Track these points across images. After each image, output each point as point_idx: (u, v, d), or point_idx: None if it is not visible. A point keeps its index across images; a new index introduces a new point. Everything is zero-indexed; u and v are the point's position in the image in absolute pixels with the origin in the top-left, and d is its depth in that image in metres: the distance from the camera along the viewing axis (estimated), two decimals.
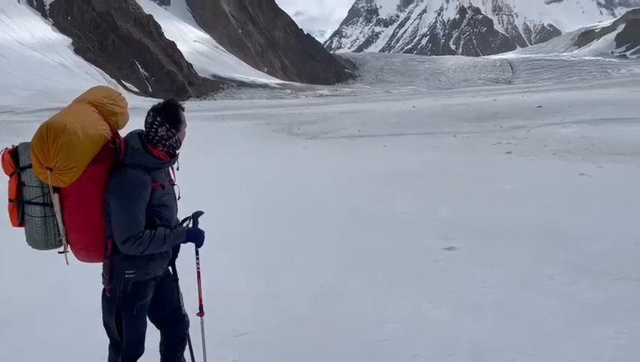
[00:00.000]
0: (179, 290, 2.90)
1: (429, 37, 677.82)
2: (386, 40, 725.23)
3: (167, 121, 2.61)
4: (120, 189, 2.46)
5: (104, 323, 2.67)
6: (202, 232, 2.78)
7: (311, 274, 5.04)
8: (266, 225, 7.03)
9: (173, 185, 2.80)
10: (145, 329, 2.70)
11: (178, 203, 2.84)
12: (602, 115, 19.13)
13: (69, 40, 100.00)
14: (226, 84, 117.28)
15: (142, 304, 2.63)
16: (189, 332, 2.95)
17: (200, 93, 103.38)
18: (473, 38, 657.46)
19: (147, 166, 2.54)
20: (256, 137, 20.62)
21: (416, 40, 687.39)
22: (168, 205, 2.67)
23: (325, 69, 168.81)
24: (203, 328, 2.95)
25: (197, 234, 2.76)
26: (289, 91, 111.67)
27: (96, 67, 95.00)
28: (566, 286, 4.44)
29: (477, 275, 4.80)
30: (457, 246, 5.64)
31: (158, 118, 2.60)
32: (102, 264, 2.64)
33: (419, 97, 51.89)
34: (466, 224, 6.51)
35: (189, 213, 2.91)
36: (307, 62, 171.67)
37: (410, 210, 7.44)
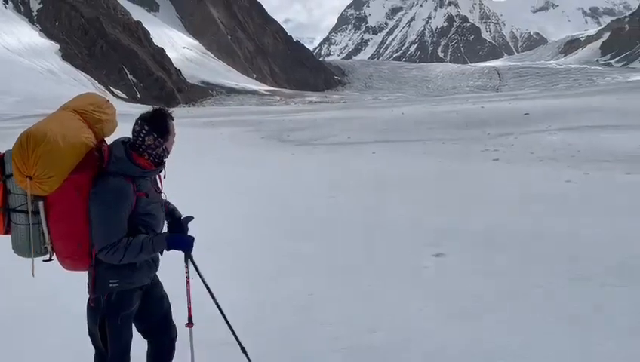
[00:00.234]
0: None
1: (417, 44, 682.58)
2: (375, 47, 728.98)
3: (154, 131, 2.58)
4: (100, 197, 2.43)
5: (89, 332, 2.64)
6: (189, 238, 2.70)
7: (300, 281, 5.03)
8: (255, 232, 7.00)
9: (160, 193, 2.75)
10: (130, 340, 2.66)
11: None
12: (588, 123, 19.38)
13: (57, 46, 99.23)
14: (215, 91, 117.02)
15: (127, 313, 2.59)
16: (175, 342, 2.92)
17: (189, 100, 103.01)
18: (461, 45, 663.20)
19: (130, 175, 2.51)
20: (245, 144, 20.58)
21: (404, 47, 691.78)
22: (153, 214, 2.63)
23: (315, 76, 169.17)
24: (192, 338, 2.90)
25: (181, 240, 2.67)
26: (278, 98, 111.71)
27: (84, 73, 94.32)
28: (553, 293, 4.47)
29: (465, 282, 4.82)
30: (446, 252, 5.66)
31: (146, 127, 2.57)
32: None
33: (407, 104, 52.15)
34: (454, 231, 6.54)
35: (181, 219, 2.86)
36: (296, 68, 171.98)
37: (399, 216, 7.46)
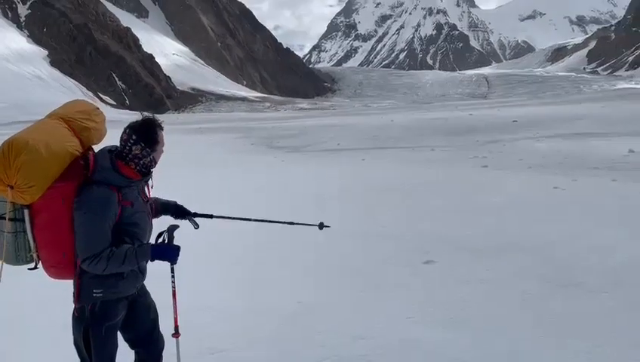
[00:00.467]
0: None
1: (406, 52, 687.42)
2: (365, 55, 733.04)
3: (142, 140, 2.54)
4: (84, 207, 2.39)
5: (75, 343, 2.59)
6: (176, 248, 2.64)
7: (289, 289, 5.00)
8: (243, 239, 6.96)
9: (147, 202, 2.71)
10: (115, 350, 2.62)
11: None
12: (575, 130, 19.61)
13: (45, 52, 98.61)
14: (205, 97, 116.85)
15: (111, 324, 2.54)
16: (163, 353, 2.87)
17: (178, 106, 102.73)
18: (450, 53, 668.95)
19: (116, 184, 2.47)
20: (235, 150, 20.53)
21: (394, 55, 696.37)
22: (139, 223, 2.59)
23: (305, 83, 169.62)
24: (179, 349, 2.86)
25: (166, 250, 2.60)
26: (268, 105, 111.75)
27: (73, 79, 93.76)
28: (541, 300, 4.49)
29: (454, 289, 4.82)
30: (435, 259, 5.66)
31: (134, 136, 2.53)
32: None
33: (397, 111, 52.42)
34: (443, 238, 6.56)
35: (165, 229, 2.82)
36: (286, 75, 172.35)
37: (388, 223, 7.47)
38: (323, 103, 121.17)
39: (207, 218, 3.09)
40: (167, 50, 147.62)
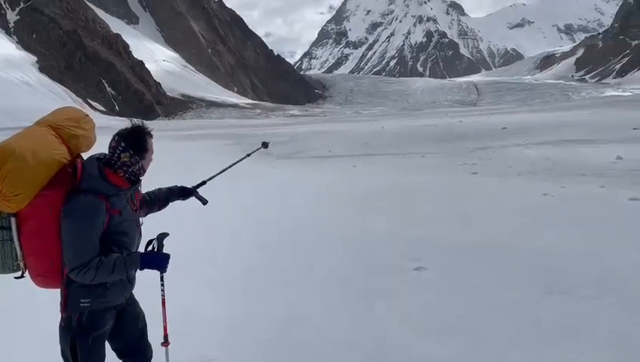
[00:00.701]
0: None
1: (397, 59, 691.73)
2: (355, 62, 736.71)
3: (131, 148, 2.51)
4: (71, 216, 2.36)
5: (62, 353, 2.55)
6: (165, 256, 2.60)
7: (279, 297, 4.98)
8: (233, 246, 6.93)
9: (136, 210, 2.68)
10: (103, 361, 2.59)
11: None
12: (564, 137, 19.78)
13: (34, 58, 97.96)
14: (195, 104, 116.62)
15: (99, 334, 2.50)
16: None
17: (168, 113, 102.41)
18: (440, 60, 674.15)
19: (103, 192, 2.44)
20: (225, 157, 20.43)
21: (384, 62, 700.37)
22: (127, 232, 2.56)
23: (295, 90, 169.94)
24: (168, 358, 2.83)
25: (155, 259, 2.56)
26: (259, 111, 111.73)
27: (62, 86, 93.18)
28: (530, 306, 4.50)
29: (445, 296, 4.82)
30: (426, 266, 5.66)
31: (122, 144, 2.50)
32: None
33: (388, 118, 52.65)
34: (434, 244, 6.56)
35: (154, 236, 2.79)
36: (277, 82, 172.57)
37: (379, 230, 7.46)
38: (314, 110, 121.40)
39: (202, 185, 3.25)
40: (158, 57, 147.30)
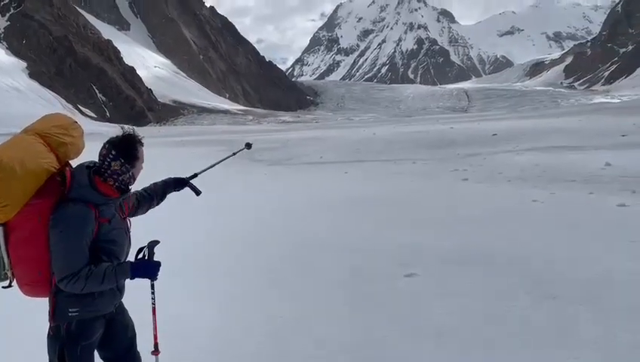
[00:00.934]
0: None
1: (388, 66, 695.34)
2: (347, 68, 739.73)
3: (122, 156, 2.50)
4: (60, 225, 2.34)
5: None
6: (155, 264, 2.58)
7: (270, 304, 4.96)
8: (225, 253, 6.91)
9: (125, 218, 2.67)
10: None
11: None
12: (553, 143, 19.94)
13: (24, 64, 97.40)
14: (187, 110, 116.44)
15: (87, 343, 2.48)
16: None
17: (160, 119, 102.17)
18: (430, 67, 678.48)
19: (93, 201, 2.43)
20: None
21: (376, 69, 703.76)
22: (116, 240, 2.54)
23: (287, 96, 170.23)
24: None
25: (146, 267, 2.53)
26: (251, 117, 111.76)
27: (52, 92, 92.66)
28: (521, 312, 4.52)
29: (436, 302, 4.84)
30: (417, 272, 5.68)
31: (113, 152, 2.49)
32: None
33: (379, 125, 52.82)
34: (425, 250, 6.58)
35: (145, 244, 2.78)
36: (269, 88, 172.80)
37: (370, 236, 7.48)
38: (306, 116, 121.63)
39: (194, 177, 3.27)
40: (149, 63, 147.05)
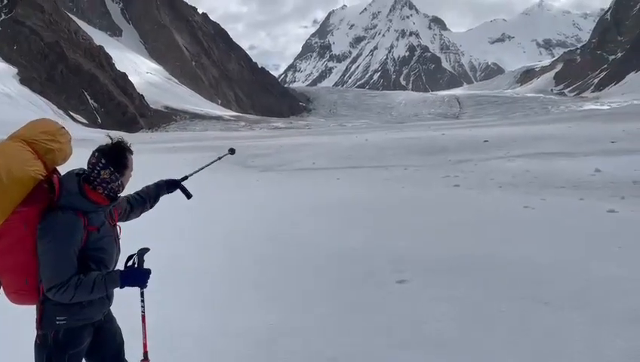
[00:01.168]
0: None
1: (380, 73, 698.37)
2: (339, 75, 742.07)
3: (111, 164, 2.48)
4: (48, 234, 2.31)
5: None
6: (145, 272, 2.55)
7: (261, 310, 4.94)
8: (215, 260, 6.87)
9: (114, 226, 2.64)
10: None
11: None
12: (544, 150, 20.08)
13: (14, 70, 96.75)
14: (179, 116, 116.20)
15: (75, 352, 2.44)
16: None
17: (152, 125, 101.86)
18: (422, 74, 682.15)
19: (82, 209, 2.40)
20: (209, 169, 20.26)
21: (368, 75, 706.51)
22: (105, 248, 2.52)
23: (280, 102, 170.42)
24: None
25: (135, 275, 2.51)
26: (243, 123, 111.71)
27: (43, 98, 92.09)
28: (514, 318, 4.53)
29: (428, 309, 4.83)
30: (409, 279, 5.68)
31: (103, 160, 2.47)
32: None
33: (371, 131, 52.95)
34: (417, 256, 6.59)
35: (135, 251, 2.76)
36: (261, 95, 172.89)
37: (362, 242, 7.47)
38: (298, 122, 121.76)
39: (185, 179, 3.30)
40: (141, 69, 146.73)
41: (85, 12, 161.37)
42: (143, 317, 2.78)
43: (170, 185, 3.18)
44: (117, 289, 2.63)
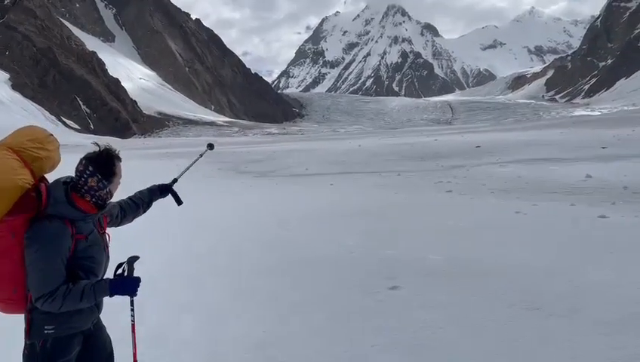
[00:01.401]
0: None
1: (373, 79, 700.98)
2: (332, 81, 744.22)
3: (99, 172, 2.45)
4: (35, 243, 2.29)
5: None
6: (135, 280, 2.52)
7: (254, 318, 4.92)
8: (207, 266, 6.84)
9: (103, 233, 2.62)
10: None
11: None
12: (536, 155, 20.21)
13: (6, 75, 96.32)
14: (172, 122, 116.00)
15: (63, 361, 2.42)
16: None
17: (144, 131, 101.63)
18: (415, 80, 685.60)
19: (70, 218, 2.38)
20: (201, 175, 20.28)
21: (361, 81, 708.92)
22: (94, 256, 2.50)
23: (273, 108, 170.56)
24: None
25: (124, 284, 2.48)
26: (236, 129, 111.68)
27: (35, 103, 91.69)
28: (504, 324, 4.54)
29: (420, 315, 4.83)
30: (401, 285, 5.67)
31: (90, 168, 2.45)
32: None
33: (364, 136, 53.05)
34: (409, 263, 6.59)
35: (124, 259, 2.73)
36: (255, 100, 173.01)
37: (355, 249, 7.47)
38: (291, 128, 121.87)
39: (175, 182, 3.29)
40: (134, 75, 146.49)
41: (78, 18, 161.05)
42: (133, 326, 2.75)
43: (163, 190, 3.17)
44: (107, 298, 2.61)
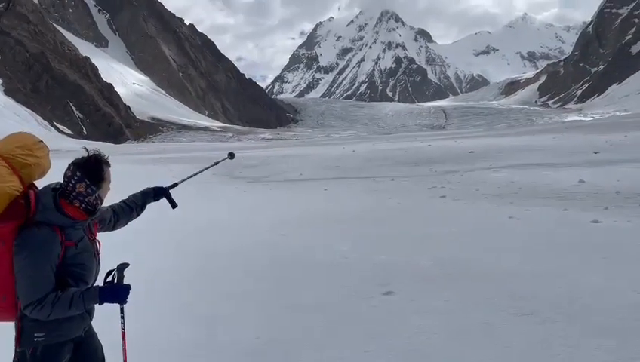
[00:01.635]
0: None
1: (367, 84, 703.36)
2: (327, 86, 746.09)
3: (87, 177, 2.43)
4: (24, 250, 2.27)
5: None
6: (125, 288, 2.50)
7: (247, 323, 4.89)
8: (202, 272, 6.81)
9: (93, 239, 2.60)
10: None
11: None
12: (529, 160, 20.29)
13: None
14: (166, 127, 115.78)
15: None
16: None
17: (138, 136, 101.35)
18: (409, 86, 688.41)
19: (59, 224, 2.36)
20: (195, 180, 20.14)
21: (355, 87, 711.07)
22: (84, 263, 2.47)
23: (267, 113, 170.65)
24: None
25: (114, 291, 2.46)
26: (231, 134, 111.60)
27: (27, 108, 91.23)
28: (498, 329, 4.54)
29: (414, 321, 4.82)
30: (395, 290, 5.67)
31: (78, 173, 2.42)
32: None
33: (358, 142, 53.10)
34: (403, 268, 6.59)
35: (114, 266, 2.71)
36: (249, 106, 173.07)
37: (349, 254, 7.46)
38: (285, 133, 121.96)
39: (174, 186, 3.31)
40: (127, 80, 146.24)
41: (72, 23, 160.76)
42: (123, 333, 2.72)
43: (157, 193, 3.15)
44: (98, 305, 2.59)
